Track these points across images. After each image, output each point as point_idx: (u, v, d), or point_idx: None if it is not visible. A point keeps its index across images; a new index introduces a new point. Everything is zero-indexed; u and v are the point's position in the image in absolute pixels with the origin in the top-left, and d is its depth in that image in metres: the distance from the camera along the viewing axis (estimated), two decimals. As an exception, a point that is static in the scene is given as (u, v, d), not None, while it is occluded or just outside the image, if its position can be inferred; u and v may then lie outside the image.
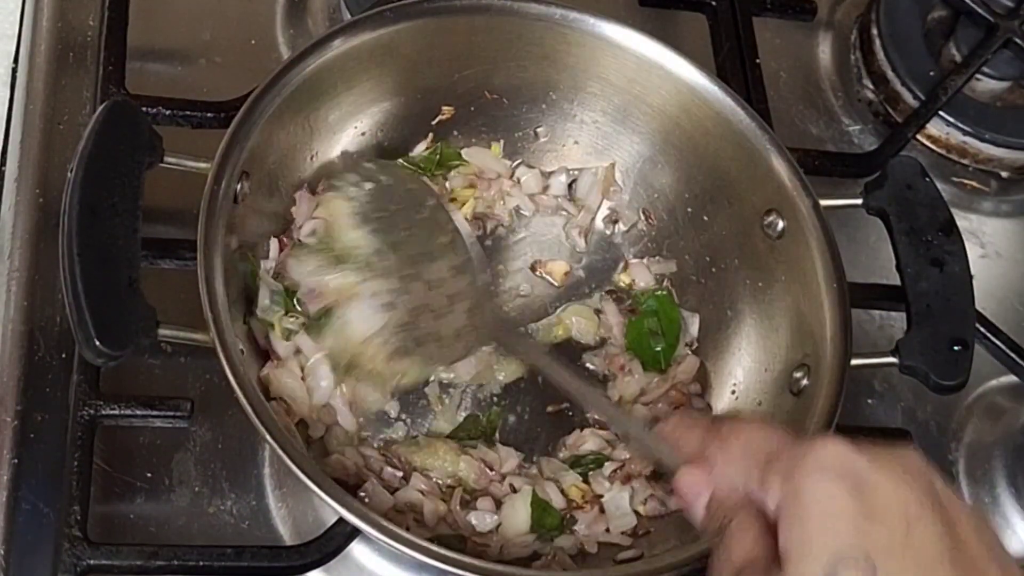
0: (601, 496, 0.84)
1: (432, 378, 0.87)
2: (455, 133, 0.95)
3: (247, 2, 1.05)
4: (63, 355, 0.83)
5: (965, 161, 1.11)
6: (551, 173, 0.97)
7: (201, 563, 0.74)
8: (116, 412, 0.78)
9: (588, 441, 0.87)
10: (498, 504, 0.82)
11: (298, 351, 0.82)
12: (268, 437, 0.70)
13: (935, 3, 1.15)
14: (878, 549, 0.56)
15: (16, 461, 0.79)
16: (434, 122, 0.94)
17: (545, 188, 0.97)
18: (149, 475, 0.82)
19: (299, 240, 0.85)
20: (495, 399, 0.88)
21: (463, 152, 0.95)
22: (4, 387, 0.81)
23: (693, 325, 0.93)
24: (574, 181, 0.97)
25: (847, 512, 0.57)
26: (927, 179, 0.89)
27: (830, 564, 0.56)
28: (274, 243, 0.86)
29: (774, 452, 0.62)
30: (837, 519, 0.57)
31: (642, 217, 0.96)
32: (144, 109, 0.88)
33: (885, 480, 0.57)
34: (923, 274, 0.85)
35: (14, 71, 0.98)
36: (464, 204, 0.94)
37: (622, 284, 0.95)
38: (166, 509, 0.81)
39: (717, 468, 0.66)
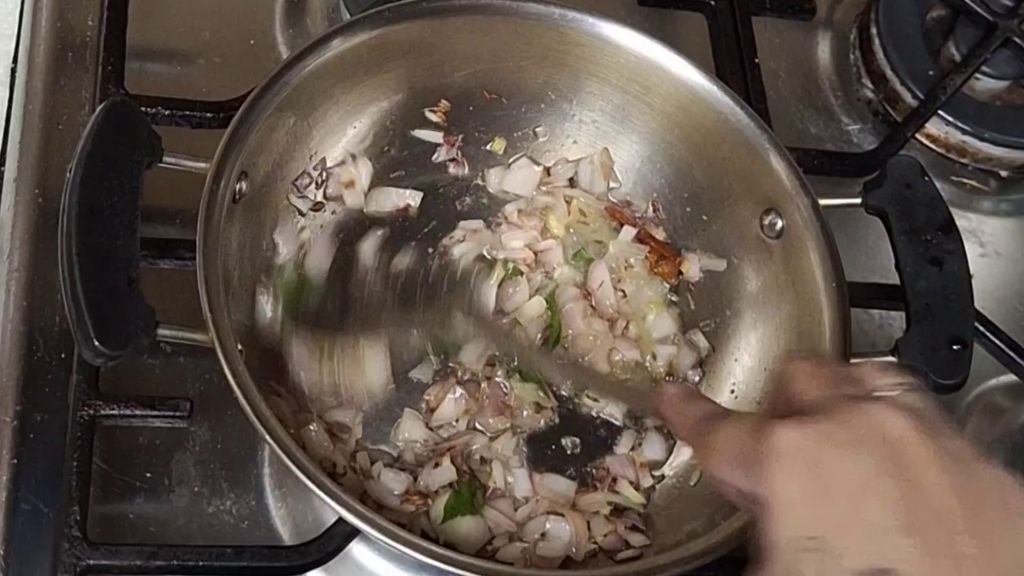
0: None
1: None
2: (454, 133, 0.95)
3: (247, 2, 1.05)
4: (63, 355, 0.83)
5: (964, 160, 1.11)
6: (551, 166, 0.97)
7: (201, 563, 0.74)
8: (115, 412, 0.78)
9: None
10: None
11: None
12: (268, 437, 0.70)
13: (934, 2, 1.15)
14: (830, 527, 0.54)
15: (16, 461, 0.79)
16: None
17: (546, 182, 0.97)
18: (149, 475, 0.82)
19: None
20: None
21: None
22: (4, 387, 0.81)
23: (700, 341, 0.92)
24: (574, 175, 0.97)
25: (801, 495, 0.55)
26: (926, 178, 0.89)
27: (790, 552, 0.54)
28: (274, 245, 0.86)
29: (747, 452, 0.59)
30: (793, 505, 0.55)
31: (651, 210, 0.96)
32: (143, 109, 0.88)
33: (834, 453, 0.55)
34: (922, 273, 0.85)
35: (13, 71, 0.98)
36: None
37: None
38: (166, 509, 0.81)
39: (708, 467, 0.64)
